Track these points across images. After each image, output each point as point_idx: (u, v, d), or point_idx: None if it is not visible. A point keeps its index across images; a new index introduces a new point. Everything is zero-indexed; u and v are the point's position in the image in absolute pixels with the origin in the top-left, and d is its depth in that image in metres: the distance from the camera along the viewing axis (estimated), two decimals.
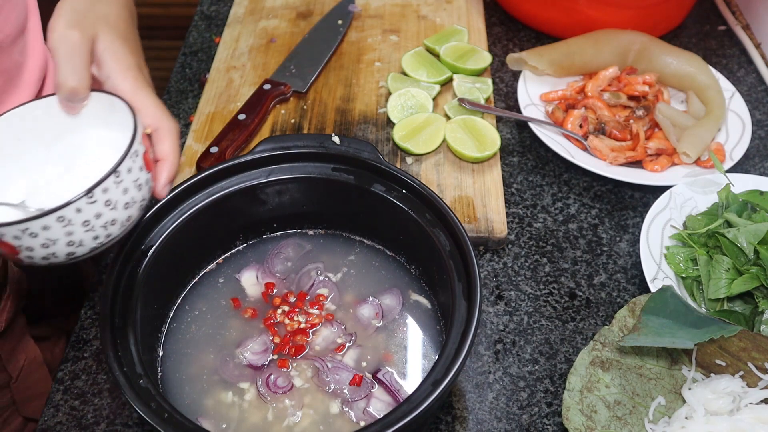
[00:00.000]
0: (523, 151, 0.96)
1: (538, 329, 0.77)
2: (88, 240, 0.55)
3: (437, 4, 1.16)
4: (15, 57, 0.75)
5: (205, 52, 1.11)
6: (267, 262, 0.74)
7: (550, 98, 0.99)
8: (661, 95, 0.98)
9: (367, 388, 0.65)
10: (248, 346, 0.67)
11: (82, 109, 0.62)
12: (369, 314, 0.70)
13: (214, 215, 0.70)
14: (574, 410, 0.63)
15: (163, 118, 0.61)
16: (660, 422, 0.63)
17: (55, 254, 0.54)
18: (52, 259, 0.55)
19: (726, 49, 1.13)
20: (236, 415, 0.63)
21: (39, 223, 0.51)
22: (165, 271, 0.67)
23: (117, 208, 0.55)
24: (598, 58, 1.01)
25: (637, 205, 0.90)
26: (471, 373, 0.73)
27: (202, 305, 0.71)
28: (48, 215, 0.51)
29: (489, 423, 0.70)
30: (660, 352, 0.66)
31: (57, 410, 0.70)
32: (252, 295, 0.72)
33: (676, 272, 0.76)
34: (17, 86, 0.77)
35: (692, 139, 0.89)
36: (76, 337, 0.76)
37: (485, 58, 1.03)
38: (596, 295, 0.80)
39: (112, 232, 0.56)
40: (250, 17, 1.14)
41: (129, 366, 0.57)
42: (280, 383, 0.65)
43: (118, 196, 0.55)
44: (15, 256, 0.54)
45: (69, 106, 0.61)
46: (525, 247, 0.85)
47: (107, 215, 0.55)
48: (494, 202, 0.86)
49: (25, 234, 0.52)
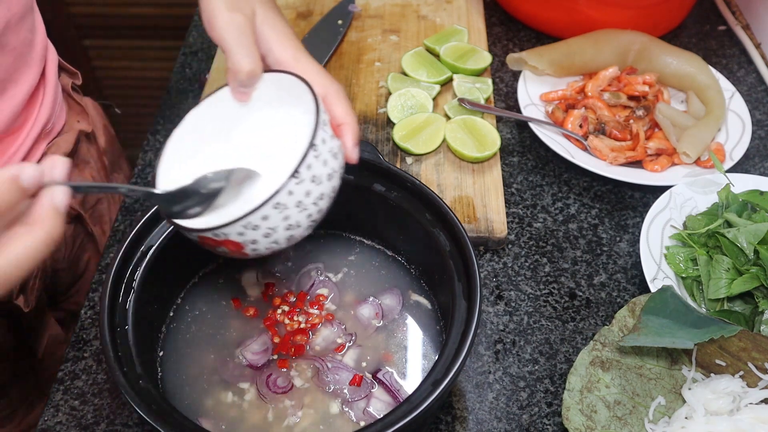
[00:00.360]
0: (523, 151, 0.96)
1: (538, 329, 0.77)
2: (303, 219, 0.55)
3: (437, 4, 1.16)
4: (24, 34, 0.74)
5: (205, 52, 1.11)
6: (267, 262, 0.74)
7: (550, 98, 0.99)
8: (661, 95, 0.97)
9: (367, 388, 0.65)
10: (248, 346, 0.67)
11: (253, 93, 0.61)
12: (369, 314, 0.70)
13: None
14: (574, 410, 0.63)
15: (328, 83, 0.60)
16: (660, 422, 0.63)
17: (276, 241, 0.55)
18: (274, 246, 0.55)
19: (726, 49, 1.13)
20: (236, 415, 0.63)
21: (258, 214, 0.52)
22: (165, 271, 0.67)
23: (322, 182, 0.55)
24: (598, 58, 1.01)
25: (637, 205, 0.90)
26: (471, 373, 0.73)
27: (202, 305, 0.71)
28: (264, 205, 0.51)
29: (489, 423, 0.70)
30: (660, 352, 0.66)
31: (57, 410, 0.70)
32: (252, 295, 0.72)
33: (676, 272, 0.76)
34: (28, 63, 0.76)
35: (692, 139, 0.89)
36: (76, 337, 0.76)
37: (485, 58, 1.03)
38: (596, 295, 0.80)
39: (322, 206, 0.56)
40: None
41: (129, 366, 0.57)
42: (280, 383, 0.65)
43: (321, 170, 0.54)
44: (241, 251, 0.55)
45: (241, 93, 0.60)
46: (525, 247, 0.85)
47: (315, 191, 0.54)
48: (494, 202, 0.86)
49: (247, 229, 0.52)
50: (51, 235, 0.42)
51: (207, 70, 1.07)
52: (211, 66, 1.05)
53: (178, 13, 1.80)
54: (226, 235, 0.53)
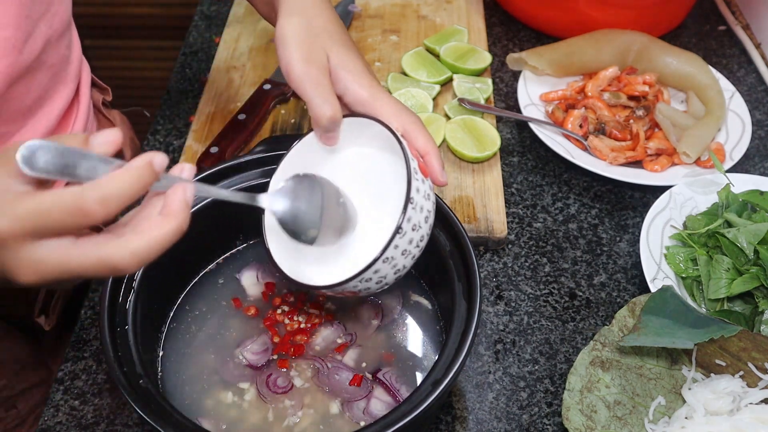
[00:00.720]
0: (523, 151, 0.96)
1: (538, 329, 0.77)
2: (408, 262, 0.60)
3: (437, 4, 1.16)
4: (62, 51, 0.75)
5: (205, 52, 1.11)
6: (267, 262, 0.74)
7: (550, 98, 0.99)
8: (661, 95, 0.97)
9: (367, 388, 0.65)
10: (248, 346, 0.67)
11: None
12: (369, 314, 0.70)
13: (214, 215, 0.70)
14: (574, 410, 0.63)
15: (405, 116, 0.62)
16: (660, 422, 0.63)
17: (387, 283, 0.61)
18: (384, 287, 0.61)
19: (726, 49, 1.13)
20: (236, 415, 0.63)
21: (371, 270, 0.58)
22: (165, 271, 0.67)
23: (421, 227, 0.59)
24: (598, 58, 1.01)
25: (637, 205, 0.90)
26: (471, 373, 0.73)
27: (202, 305, 0.71)
28: (375, 262, 0.57)
29: (489, 423, 0.70)
30: (660, 352, 0.66)
31: (57, 410, 0.70)
32: (252, 295, 0.72)
33: (676, 272, 0.76)
34: (64, 81, 0.77)
35: (692, 139, 0.89)
36: (76, 337, 0.76)
37: (485, 58, 1.03)
38: (596, 295, 0.80)
39: (422, 246, 0.61)
40: (250, 17, 1.14)
41: (129, 366, 0.57)
42: (280, 383, 0.65)
43: (419, 216, 0.58)
44: (355, 296, 0.63)
45: (328, 137, 0.63)
46: (525, 247, 0.85)
47: (416, 236, 0.59)
48: (494, 202, 0.86)
49: (362, 282, 0.58)
50: (182, 227, 0.46)
51: (207, 70, 1.07)
52: (211, 66, 1.05)
53: (178, 13, 1.80)
54: (343, 289, 0.59)
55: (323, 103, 0.60)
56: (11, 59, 0.65)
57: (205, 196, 0.65)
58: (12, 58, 0.65)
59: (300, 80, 0.61)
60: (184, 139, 0.95)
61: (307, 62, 0.61)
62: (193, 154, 0.92)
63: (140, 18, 1.84)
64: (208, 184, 0.61)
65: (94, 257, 0.44)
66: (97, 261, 0.44)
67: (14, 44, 0.65)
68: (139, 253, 0.44)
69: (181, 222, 0.46)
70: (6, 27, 0.64)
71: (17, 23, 0.65)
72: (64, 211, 0.42)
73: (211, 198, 0.69)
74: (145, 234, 0.45)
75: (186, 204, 0.47)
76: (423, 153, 0.62)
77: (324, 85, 0.61)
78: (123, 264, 0.44)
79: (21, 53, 0.66)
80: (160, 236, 0.45)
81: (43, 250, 0.44)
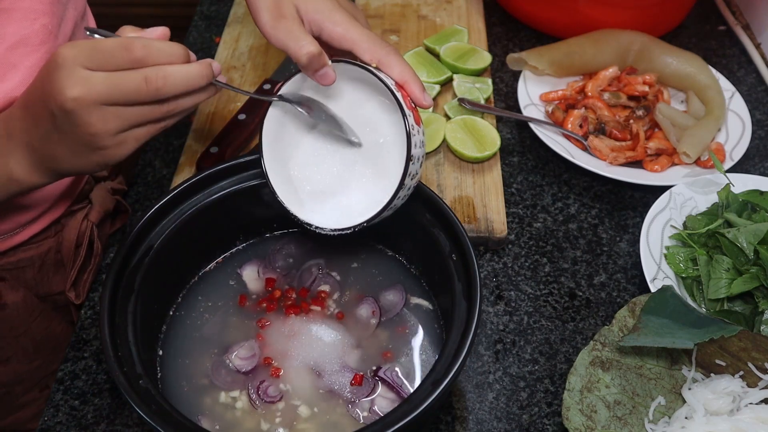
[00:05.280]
0: (523, 151, 0.96)
1: (538, 329, 0.77)
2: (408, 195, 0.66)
3: (437, 4, 1.16)
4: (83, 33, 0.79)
5: (205, 52, 1.11)
6: (269, 257, 0.74)
7: (550, 98, 0.99)
8: (661, 95, 0.97)
9: (368, 387, 0.65)
10: (235, 351, 0.67)
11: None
12: (369, 313, 0.70)
13: (214, 215, 0.70)
14: (574, 410, 0.63)
15: (379, 47, 0.65)
16: (660, 422, 0.63)
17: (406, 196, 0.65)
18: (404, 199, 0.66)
19: (726, 49, 1.13)
20: (236, 415, 0.63)
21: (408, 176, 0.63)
22: (165, 271, 0.67)
23: (420, 160, 0.64)
24: (598, 58, 1.01)
25: (637, 205, 0.90)
26: (471, 373, 0.73)
27: (202, 305, 0.71)
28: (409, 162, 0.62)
29: (489, 423, 0.70)
30: (660, 352, 0.66)
31: (57, 410, 0.70)
32: (253, 292, 0.72)
33: (676, 272, 0.76)
34: None
35: (692, 139, 0.89)
36: (76, 337, 0.76)
37: (485, 58, 1.03)
38: (596, 295, 0.80)
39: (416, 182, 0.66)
40: (250, 17, 1.13)
41: (129, 366, 0.57)
42: (270, 392, 0.65)
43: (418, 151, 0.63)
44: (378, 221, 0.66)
45: (320, 76, 0.64)
46: (525, 247, 0.85)
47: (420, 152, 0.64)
48: (494, 202, 0.86)
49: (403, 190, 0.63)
50: (203, 74, 0.57)
51: None
52: None
53: (178, 13, 1.79)
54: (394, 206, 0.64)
55: (296, 44, 0.63)
56: (49, 45, 0.70)
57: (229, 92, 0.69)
58: (50, 44, 0.70)
59: (275, 36, 0.65)
60: (184, 139, 0.95)
61: (277, 18, 0.65)
62: (193, 154, 0.92)
63: (140, 18, 1.84)
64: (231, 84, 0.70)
65: (140, 73, 0.54)
66: (142, 78, 0.54)
67: (50, 30, 0.70)
68: (173, 73, 0.55)
69: (206, 67, 0.57)
70: (43, 15, 0.69)
71: (52, 10, 0.70)
72: (115, 42, 0.54)
73: (211, 198, 0.69)
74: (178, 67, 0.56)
75: (210, 65, 0.58)
76: (402, 82, 0.64)
77: (295, 30, 0.64)
78: (160, 75, 0.54)
79: (57, 38, 0.72)
80: (191, 69, 0.56)
81: (91, 72, 0.53)
